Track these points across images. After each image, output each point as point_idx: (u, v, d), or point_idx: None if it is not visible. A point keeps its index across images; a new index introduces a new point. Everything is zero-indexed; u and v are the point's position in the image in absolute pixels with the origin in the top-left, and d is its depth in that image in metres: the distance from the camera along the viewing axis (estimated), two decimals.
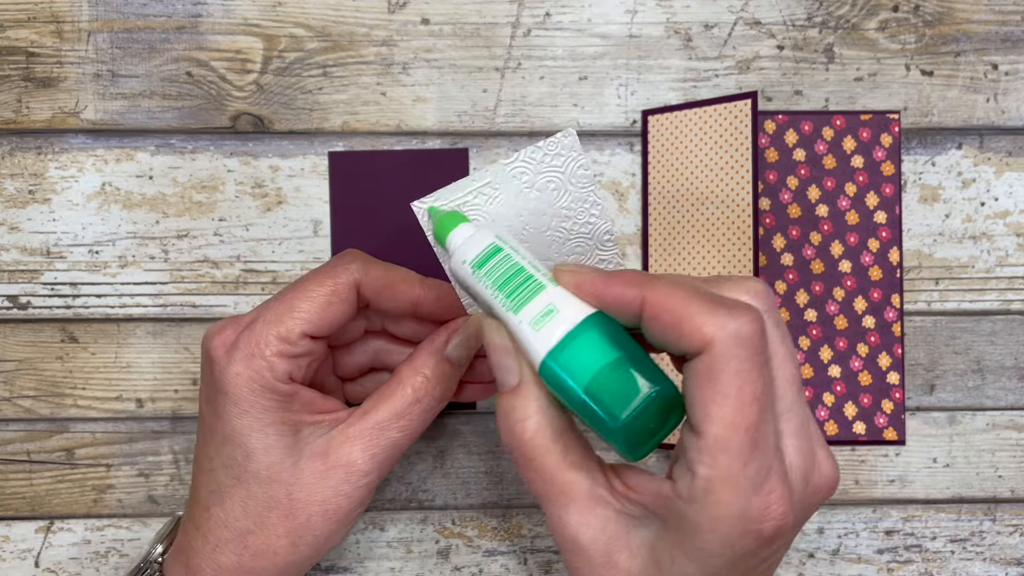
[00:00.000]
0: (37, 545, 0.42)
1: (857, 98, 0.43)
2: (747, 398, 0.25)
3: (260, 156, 0.42)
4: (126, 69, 0.42)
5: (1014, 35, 0.43)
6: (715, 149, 0.41)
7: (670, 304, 0.26)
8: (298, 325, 0.33)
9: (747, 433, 0.25)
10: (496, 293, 0.29)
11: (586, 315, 0.27)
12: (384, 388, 0.35)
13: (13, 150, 0.42)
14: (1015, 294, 0.43)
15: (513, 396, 0.28)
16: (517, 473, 0.43)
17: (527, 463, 0.28)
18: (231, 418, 0.33)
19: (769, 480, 0.25)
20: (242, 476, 0.33)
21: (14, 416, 0.42)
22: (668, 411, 0.27)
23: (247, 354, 0.32)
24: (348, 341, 0.38)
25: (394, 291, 0.34)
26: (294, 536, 0.33)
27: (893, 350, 0.42)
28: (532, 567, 0.43)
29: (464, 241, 0.30)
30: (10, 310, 0.42)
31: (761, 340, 0.25)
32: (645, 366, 0.27)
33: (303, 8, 0.42)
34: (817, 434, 0.28)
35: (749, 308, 0.26)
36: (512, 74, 0.43)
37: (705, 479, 0.25)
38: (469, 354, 0.35)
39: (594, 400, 0.26)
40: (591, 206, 0.33)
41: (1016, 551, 0.43)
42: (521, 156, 0.31)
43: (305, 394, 0.34)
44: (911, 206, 0.43)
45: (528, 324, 0.28)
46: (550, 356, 0.27)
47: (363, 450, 0.33)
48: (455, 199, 0.31)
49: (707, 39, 0.43)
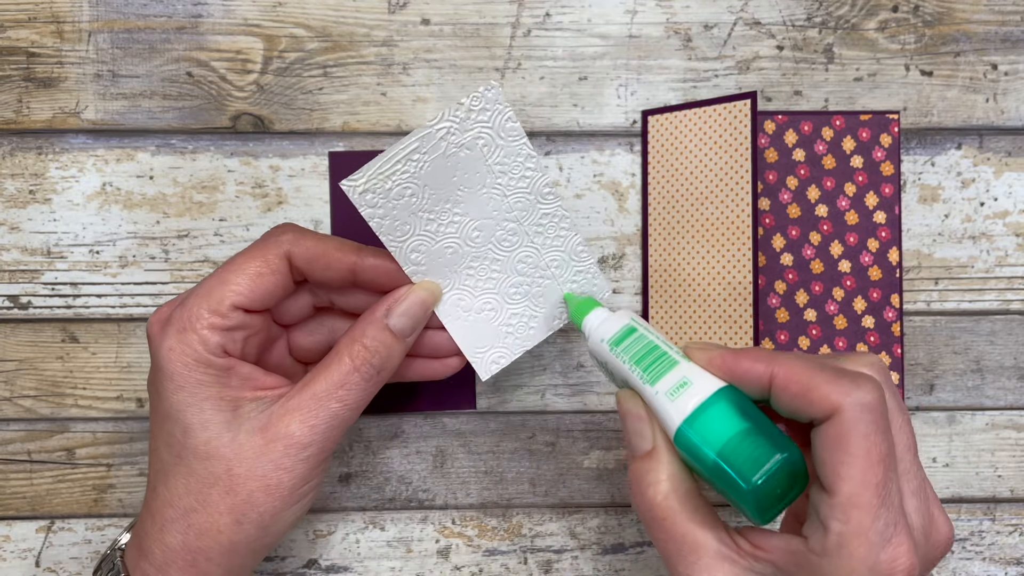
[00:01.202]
0: (38, 545, 0.42)
1: (857, 98, 0.43)
2: (874, 458, 0.27)
3: (260, 156, 0.42)
4: (126, 69, 0.42)
5: (1014, 35, 0.43)
6: (715, 149, 0.41)
7: (798, 376, 0.28)
8: (228, 297, 0.33)
9: (876, 490, 0.27)
10: (633, 367, 0.32)
11: (718, 387, 0.30)
12: (324, 360, 0.34)
13: (14, 150, 0.42)
14: (1014, 294, 0.43)
15: (646, 461, 0.31)
16: (515, 474, 0.43)
17: (658, 524, 0.30)
18: (167, 394, 0.33)
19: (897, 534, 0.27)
20: (182, 453, 0.33)
21: (15, 416, 0.42)
22: (794, 477, 0.28)
23: (178, 328, 0.33)
24: (298, 319, 0.37)
25: (328, 260, 0.34)
26: (237, 513, 0.33)
27: (892, 350, 0.42)
28: (532, 567, 0.43)
29: (602, 322, 0.34)
30: (11, 310, 0.42)
31: (883, 406, 0.28)
32: (774, 434, 0.29)
33: (303, 8, 0.42)
34: (933, 496, 0.30)
35: (870, 378, 0.28)
36: (512, 74, 0.43)
37: (838, 534, 0.27)
38: (415, 324, 0.35)
39: (728, 464, 0.28)
40: (524, 159, 0.33)
41: (1015, 551, 0.43)
42: (444, 115, 0.32)
43: (243, 369, 0.34)
44: (911, 206, 0.43)
45: (665, 395, 0.30)
46: (686, 423, 0.29)
47: (302, 422, 0.33)
48: (385, 170, 0.32)
49: (707, 39, 0.43)
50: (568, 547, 0.43)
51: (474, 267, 0.36)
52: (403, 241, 0.34)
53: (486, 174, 0.33)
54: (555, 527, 0.43)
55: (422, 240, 0.34)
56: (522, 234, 0.35)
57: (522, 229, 0.35)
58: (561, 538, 0.43)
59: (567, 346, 0.43)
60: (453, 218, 0.34)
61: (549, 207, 0.35)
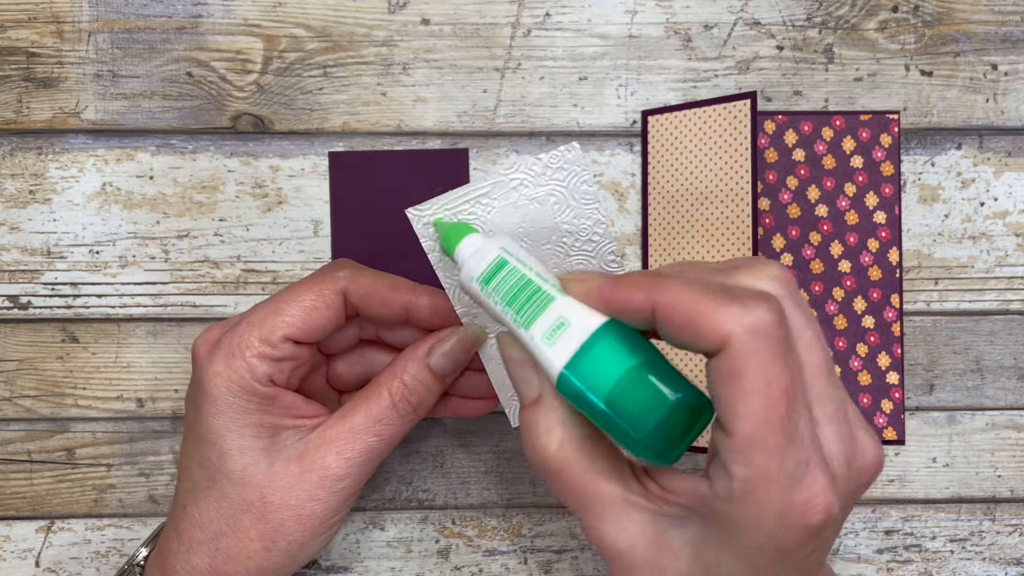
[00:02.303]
0: (38, 545, 0.42)
1: (856, 98, 0.43)
2: (775, 391, 0.24)
3: (260, 156, 0.42)
4: (126, 69, 0.42)
5: (1013, 35, 0.43)
6: (715, 149, 0.41)
7: (682, 304, 0.25)
8: (281, 328, 0.33)
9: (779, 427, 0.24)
10: (506, 309, 0.28)
11: (599, 325, 0.27)
12: (362, 392, 0.34)
13: (14, 150, 0.42)
14: (1014, 294, 0.43)
15: (535, 409, 0.28)
16: (514, 473, 0.43)
17: (555, 476, 0.28)
18: (208, 417, 0.33)
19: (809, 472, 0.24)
20: (216, 477, 0.33)
21: (15, 416, 0.42)
22: (695, 414, 0.26)
23: (227, 354, 0.32)
24: (341, 349, 0.37)
25: (382, 298, 0.34)
26: (267, 540, 0.33)
27: (892, 350, 0.42)
28: (532, 567, 0.43)
29: (471, 255, 0.29)
30: (11, 310, 0.42)
31: (781, 329, 0.24)
32: (664, 370, 0.26)
33: (303, 8, 0.42)
34: (856, 416, 0.27)
35: (764, 296, 0.24)
36: (512, 74, 0.43)
37: (742, 479, 0.24)
38: (456, 365, 0.35)
39: (616, 412, 0.26)
40: (594, 224, 0.32)
41: (1015, 551, 0.43)
42: (521, 167, 0.31)
43: (286, 398, 0.34)
44: (910, 206, 0.43)
45: (541, 339, 0.27)
46: (567, 369, 0.26)
47: (338, 454, 0.33)
48: (452, 207, 0.31)
49: (707, 39, 0.43)
50: (568, 547, 0.43)
51: None
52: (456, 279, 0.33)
53: (552, 231, 0.32)
54: (555, 527, 0.43)
55: None
56: None
57: None
58: (561, 538, 0.43)
59: None
60: None
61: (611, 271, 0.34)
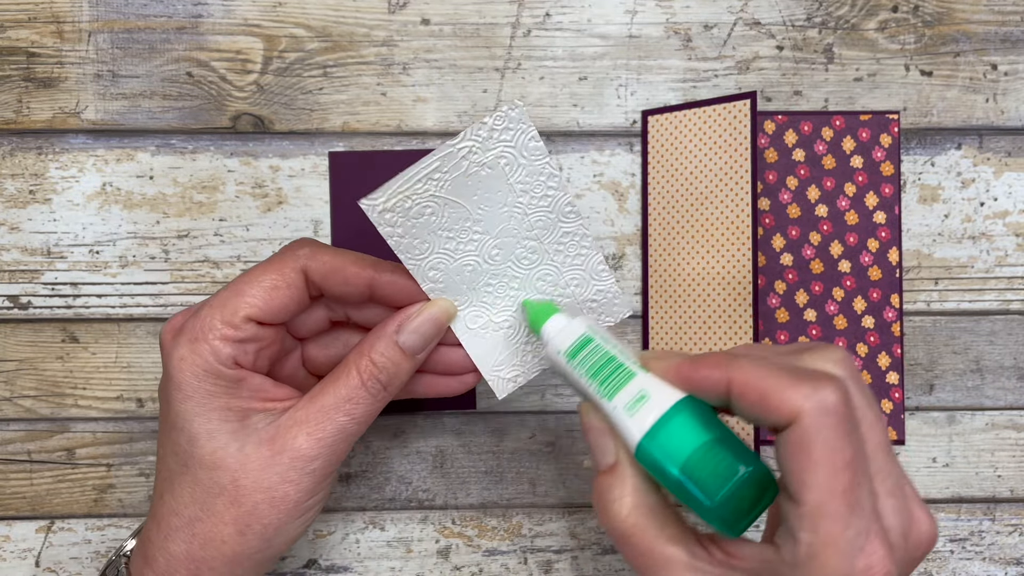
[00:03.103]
0: (38, 545, 0.42)
1: (856, 98, 0.43)
2: (839, 464, 0.26)
3: (260, 156, 0.42)
4: (126, 69, 0.42)
5: (1013, 35, 0.43)
6: (714, 149, 0.41)
7: (756, 382, 0.27)
8: (242, 308, 0.32)
9: (843, 498, 0.26)
10: (590, 381, 0.31)
11: (677, 399, 0.29)
12: (332, 372, 0.34)
13: (14, 150, 0.42)
14: (1014, 294, 0.43)
15: (609, 476, 0.30)
16: (515, 473, 0.43)
17: (625, 540, 0.29)
18: (176, 403, 0.33)
19: (870, 541, 0.26)
20: (188, 462, 0.33)
21: (15, 416, 0.42)
22: (762, 488, 0.28)
23: (191, 338, 0.32)
24: (313, 333, 0.37)
25: (345, 275, 0.34)
26: (241, 524, 0.33)
27: (892, 350, 0.42)
28: (532, 567, 0.43)
29: (558, 332, 0.32)
30: (11, 310, 0.42)
31: (846, 407, 0.26)
32: (736, 446, 0.28)
33: (303, 8, 0.42)
34: (912, 492, 0.29)
35: (832, 378, 0.27)
36: (512, 74, 0.43)
37: (808, 544, 0.26)
38: (426, 342, 0.34)
39: (690, 480, 0.28)
40: (547, 178, 0.33)
41: (1015, 551, 0.43)
42: (467, 135, 0.31)
43: (254, 380, 0.34)
44: (910, 206, 0.43)
45: (623, 409, 0.29)
46: (646, 439, 0.29)
47: (309, 435, 0.33)
48: (405, 190, 0.31)
49: (707, 39, 0.43)
50: (568, 547, 0.43)
51: (493, 284, 0.35)
52: (421, 259, 0.33)
53: (507, 193, 0.33)
54: (555, 527, 0.43)
55: (441, 258, 0.34)
56: (542, 252, 0.35)
57: (542, 247, 0.35)
58: (561, 538, 0.43)
59: None
60: (473, 236, 0.34)
61: (570, 226, 0.34)
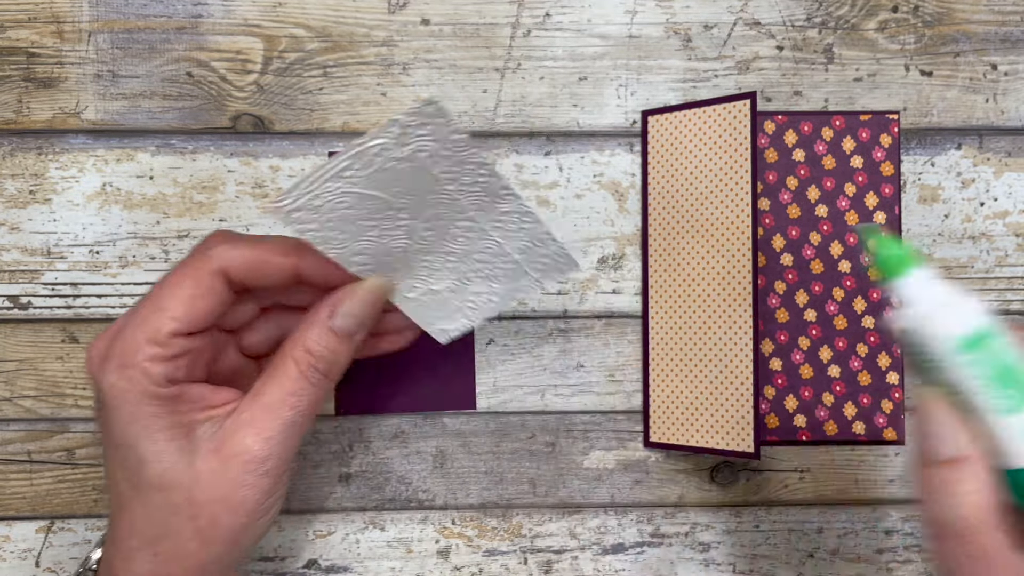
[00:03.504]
0: (38, 545, 0.42)
1: (856, 98, 0.43)
2: None
3: (260, 156, 0.42)
4: (126, 69, 0.42)
5: (1013, 35, 0.43)
6: (714, 149, 0.41)
7: None
8: (166, 325, 0.31)
9: None
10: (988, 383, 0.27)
11: None
12: (270, 366, 0.33)
13: (14, 150, 0.42)
14: (1014, 294, 0.43)
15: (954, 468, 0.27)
16: (515, 473, 0.43)
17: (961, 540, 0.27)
18: (119, 428, 0.31)
19: None
20: (139, 484, 0.32)
21: (15, 416, 0.42)
22: None
23: (119, 364, 0.31)
24: (245, 323, 0.36)
25: (266, 268, 0.32)
26: (203, 536, 0.32)
27: (893, 350, 0.42)
28: (532, 567, 0.43)
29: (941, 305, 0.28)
30: (11, 310, 0.42)
31: None
32: None
33: (303, 8, 0.42)
34: None
35: None
36: (512, 74, 0.43)
37: None
38: (361, 323, 0.33)
39: None
40: (476, 167, 0.32)
41: None
42: (376, 133, 0.30)
43: (192, 391, 0.32)
44: (910, 206, 0.43)
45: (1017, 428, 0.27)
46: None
47: (256, 435, 0.32)
48: (313, 190, 0.30)
49: (707, 39, 0.43)
50: (568, 547, 0.43)
51: (428, 259, 0.34)
52: (343, 248, 0.32)
53: (432, 182, 0.32)
54: (555, 527, 0.43)
55: (365, 244, 0.33)
56: (479, 231, 0.34)
57: (479, 226, 0.34)
58: (561, 538, 0.43)
59: (567, 346, 0.43)
60: (399, 222, 0.32)
61: (508, 206, 0.33)
